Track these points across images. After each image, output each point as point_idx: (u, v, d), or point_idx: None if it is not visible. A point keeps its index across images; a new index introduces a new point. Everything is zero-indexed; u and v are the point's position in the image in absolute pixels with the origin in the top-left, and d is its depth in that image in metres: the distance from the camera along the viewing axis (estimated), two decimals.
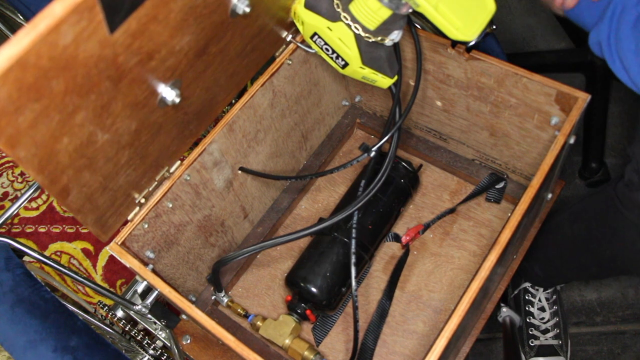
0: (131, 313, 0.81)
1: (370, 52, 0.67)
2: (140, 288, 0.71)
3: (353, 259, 0.62)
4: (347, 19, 0.64)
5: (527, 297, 1.09)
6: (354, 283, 0.62)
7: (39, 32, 0.39)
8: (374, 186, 0.67)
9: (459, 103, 0.80)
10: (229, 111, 0.73)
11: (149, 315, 0.74)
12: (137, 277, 0.69)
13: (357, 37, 0.65)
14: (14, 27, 1.30)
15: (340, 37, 0.66)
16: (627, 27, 0.60)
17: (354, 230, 0.63)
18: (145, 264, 0.68)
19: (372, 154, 0.71)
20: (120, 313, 0.83)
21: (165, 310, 0.81)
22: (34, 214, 1.35)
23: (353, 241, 0.62)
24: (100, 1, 0.41)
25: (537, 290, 1.09)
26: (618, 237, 0.78)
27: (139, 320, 0.81)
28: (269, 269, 0.88)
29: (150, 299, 0.71)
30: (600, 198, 0.82)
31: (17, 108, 0.41)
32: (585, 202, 0.88)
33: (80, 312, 0.76)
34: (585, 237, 0.87)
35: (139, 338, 0.83)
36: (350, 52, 0.66)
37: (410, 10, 0.61)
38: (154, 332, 0.80)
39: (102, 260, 1.28)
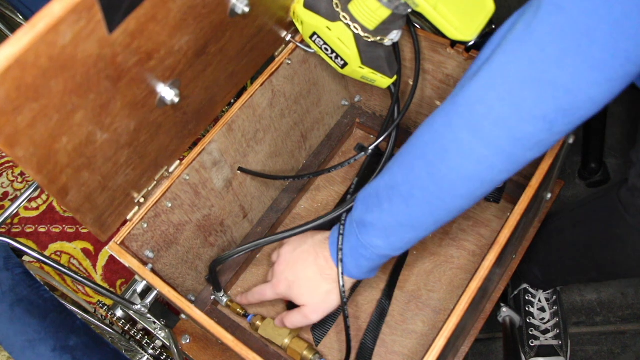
0: (130, 313, 0.81)
1: (369, 51, 0.67)
2: (139, 288, 0.71)
3: (340, 256, 0.62)
4: (346, 19, 0.64)
5: (527, 298, 1.09)
6: (340, 281, 0.62)
7: (38, 32, 0.39)
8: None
9: None
10: (228, 111, 0.73)
11: (149, 315, 0.74)
12: (137, 277, 0.69)
13: (357, 37, 0.65)
14: (14, 27, 1.30)
15: (339, 37, 0.66)
16: None
17: (342, 227, 0.62)
18: (145, 264, 0.68)
19: (369, 152, 0.71)
20: (119, 313, 0.83)
21: (164, 309, 0.81)
22: (34, 214, 1.35)
23: (340, 237, 0.62)
24: (99, 1, 0.41)
25: (537, 290, 1.08)
26: (621, 243, 0.78)
27: (138, 320, 0.81)
28: (268, 269, 0.88)
29: (149, 299, 0.71)
30: (602, 203, 0.81)
31: (15, 108, 0.41)
32: (587, 206, 0.87)
33: (79, 312, 0.76)
34: (586, 241, 0.87)
35: (138, 338, 0.83)
36: (350, 51, 0.66)
37: (410, 10, 0.61)
38: (153, 331, 0.80)
39: (102, 260, 1.28)
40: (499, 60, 0.46)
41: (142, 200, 0.65)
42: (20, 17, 1.23)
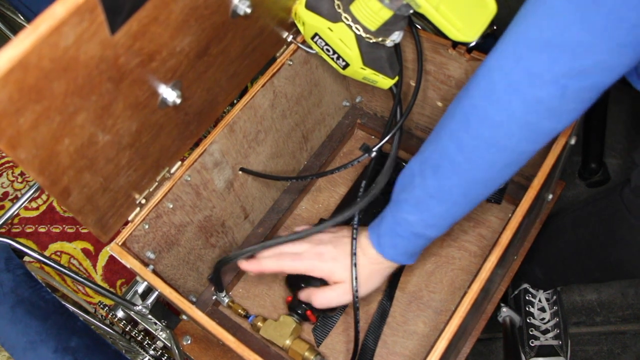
0: (131, 313, 0.81)
1: (371, 52, 0.67)
2: (140, 288, 0.71)
3: (354, 260, 0.62)
4: (348, 20, 0.64)
5: (527, 298, 1.09)
6: (354, 284, 0.62)
7: (40, 34, 0.38)
8: (376, 187, 0.67)
9: None
10: (230, 112, 0.73)
11: (150, 316, 0.74)
12: (138, 278, 0.69)
13: (358, 38, 0.65)
14: (15, 27, 1.30)
15: (341, 38, 0.66)
16: None
17: (355, 231, 0.63)
18: (146, 265, 0.68)
19: (373, 154, 0.71)
20: (120, 313, 0.83)
21: (165, 310, 0.81)
22: (34, 214, 1.35)
23: (354, 242, 0.63)
24: (101, 2, 0.41)
25: (538, 290, 1.09)
26: (625, 244, 0.78)
27: (139, 321, 0.81)
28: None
29: (150, 300, 0.71)
30: (605, 203, 0.81)
31: (18, 109, 0.41)
32: (589, 207, 0.87)
33: (80, 313, 0.76)
34: (589, 242, 0.87)
35: (139, 338, 0.83)
36: (351, 52, 0.66)
37: (412, 11, 0.61)
38: (154, 332, 0.80)
39: (102, 260, 1.28)
40: (512, 30, 0.48)
41: (143, 201, 0.65)
42: (21, 17, 1.23)
